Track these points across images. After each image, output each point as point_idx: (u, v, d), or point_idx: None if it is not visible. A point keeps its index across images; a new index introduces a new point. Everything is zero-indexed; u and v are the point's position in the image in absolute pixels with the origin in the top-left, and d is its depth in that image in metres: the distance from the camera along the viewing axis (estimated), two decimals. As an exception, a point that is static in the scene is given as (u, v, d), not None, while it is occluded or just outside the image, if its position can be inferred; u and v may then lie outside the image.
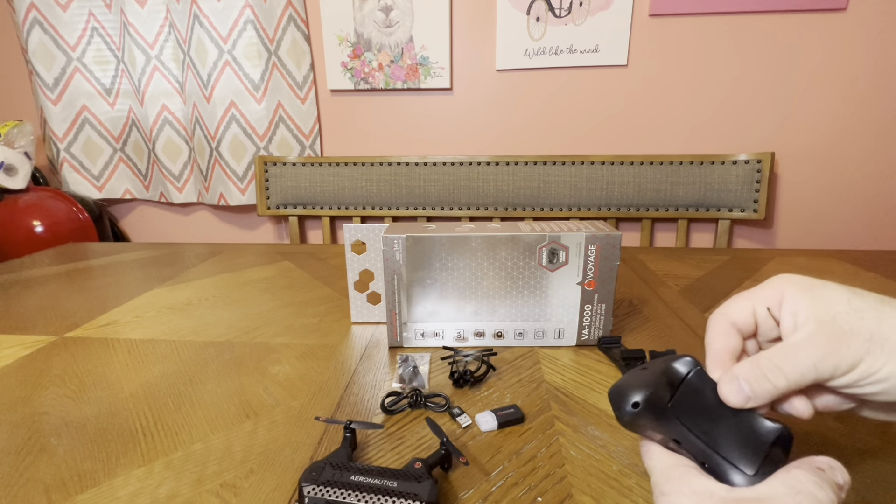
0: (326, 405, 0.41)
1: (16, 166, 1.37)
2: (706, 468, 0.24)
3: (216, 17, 1.31)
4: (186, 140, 1.47)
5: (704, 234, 1.40)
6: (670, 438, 0.25)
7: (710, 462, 0.24)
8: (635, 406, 0.25)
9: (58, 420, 0.40)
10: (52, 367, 0.49)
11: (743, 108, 1.30)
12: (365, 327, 0.57)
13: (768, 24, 1.23)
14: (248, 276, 0.76)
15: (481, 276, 0.49)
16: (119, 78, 1.45)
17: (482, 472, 0.33)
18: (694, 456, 0.25)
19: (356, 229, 0.53)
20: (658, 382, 0.26)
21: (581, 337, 0.51)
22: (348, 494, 0.28)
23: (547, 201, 1.35)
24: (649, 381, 0.26)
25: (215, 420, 0.39)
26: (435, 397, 0.41)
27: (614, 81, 1.32)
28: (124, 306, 0.65)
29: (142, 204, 1.62)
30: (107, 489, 0.32)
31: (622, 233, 1.31)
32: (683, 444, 0.25)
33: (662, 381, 0.26)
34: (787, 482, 0.21)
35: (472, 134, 1.42)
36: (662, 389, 0.26)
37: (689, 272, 0.76)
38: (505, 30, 1.30)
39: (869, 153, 1.29)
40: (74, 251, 0.94)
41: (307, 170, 1.41)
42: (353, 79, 1.38)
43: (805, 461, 0.22)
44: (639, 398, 0.25)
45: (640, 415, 0.25)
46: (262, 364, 0.49)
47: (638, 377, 0.26)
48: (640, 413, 0.25)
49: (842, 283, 0.26)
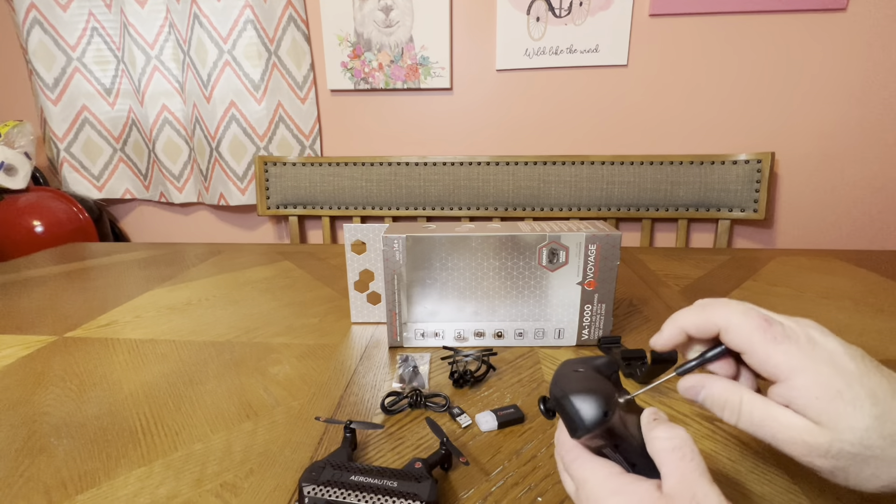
0: (326, 405, 0.41)
1: (16, 166, 1.37)
2: (635, 469, 0.24)
3: (216, 17, 1.31)
4: (186, 140, 1.47)
5: (704, 234, 1.40)
6: (611, 444, 0.24)
7: (639, 463, 0.24)
8: (606, 414, 0.23)
9: (58, 420, 0.40)
10: (52, 367, 0.49)
11: (743, 108, 1.30)
12: (365, 327, 0.57)
13: (768, 24, 1.23)
14: (248, 276, 0.76)
15: (481, 276, 0.49)
16: (119, 78, 1.45)
17: (482, 472, 0.33)
18: (626, 459, 0.24)
19: (356, 229, 0.53)
20: (611, 387, 0.24)
21: (581, 337, 0.51)
22: (348, 494, 0.28)
23: (547, 201, 1.35)
24: (604, 384, 0.24)
25: (215, 420, 0.39)
26: (435, 397, 0.41)
27: (614, 81, 1.32)
28: (124, 306, 0.65)
29: (142, 204, 1.62)
30: (107, 489, 0.32)
31: (622, 233, 1.31)
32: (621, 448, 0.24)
33: (612, 385, 0.25)
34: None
35: (472, 134, 1.42)
36: (615, 392, 0.24)
37: (689, 272, 0.76)
38: (505, 30, 1.30)
39: (869, 153, 1.28)
40: (74, 251, 0.94)
41: (307, 170, 1.41)
42: (353, 79, 1.38)
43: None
44: (608, 405, 0.23)
45: (608, 421, 0.23)
46: (262, 364, 0.49)
47: (591, 380, 0.24)
48: (608, 420, 0.23)
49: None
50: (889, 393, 0.23)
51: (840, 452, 0.22)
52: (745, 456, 0.34)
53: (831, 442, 0.22)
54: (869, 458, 0.22)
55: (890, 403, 0.22)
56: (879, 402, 0.22)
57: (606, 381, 0.25)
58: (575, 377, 0.25)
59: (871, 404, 0.22)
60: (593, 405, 0.23)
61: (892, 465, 0.22)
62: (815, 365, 0.24)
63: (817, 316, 0.59)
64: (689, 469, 0.21)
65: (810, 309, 0.61)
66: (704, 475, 0.21)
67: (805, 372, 0.24)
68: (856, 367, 0.23)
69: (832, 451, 0.22)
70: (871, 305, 0.61)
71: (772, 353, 0.25)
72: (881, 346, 0.51)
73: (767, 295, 0.66)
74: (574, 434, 0.23)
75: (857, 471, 0.23)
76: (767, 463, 0.33)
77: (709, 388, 0.26)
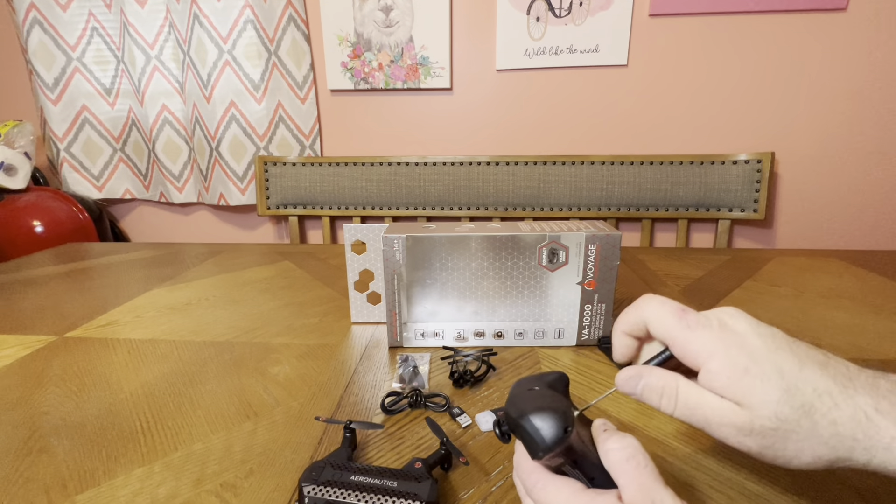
0: (326, 405, 0.41)
1: (16, 166, 1.37)
2: (594, 483, 0.24)
3: (216, 16, 1.31)
4: (186, 140, 1.47)
5: (704, 234, 1.40)
6: (569, 461, 0.24)
7: (597, 476, 0.24)
8: (566, 430, 0.22)
9: (58, 420, 0.40)
10: (52, 367, 0.49)
11: (743, 108, 1.30)
12: (365, 327, 0.57)
13: (768, 24, 1.23)
14: (247, 276, 0.76)
15: (481, 276, 0.49)
16: (119, 78, 1.45)
17: (482, 472, 0.33)
18: (585, 474, 0.24)
19: (356, 229, 0.53)
20: (567, 402, 0.24)
21: (581, 337, 0.51)
22: (348, 494, 0.28)
23: (547, 201, 1.35)
24: (560, 401, 0.24)
25: (215, 420, 0.39)
26: (435, 397, 0.41)
27: (614, 81, 1.32)
28: (124, 306, 0.65)
29: (142, 204, 1.62)
30: (107, 489, 0.32)
31: (622, 233, 1.31)
32: (580, 465, 0.24)
33: (567, 400, 0.24)
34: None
35: (472, 134, 1.42)
36: (571, 407, 0.24)
37: (689, 272, 0.76)
38: (505, 30, 1.30)
39: (869, 153, 1.28)
40: (74, 251, 0.94)
41: (307, 170, 1.41)
42: (353, 79, 1.38)
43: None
44: (567, 421, 0.23)
45: (568, 438, 0.22)
46: (262, 364, 0.49)
47: (547, 398, 0.24)
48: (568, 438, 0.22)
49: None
50: (796, 366, 0.24)
51: (762, 429, 0.23)
52: (746, 456, 0.34)
53: (752, 419, 0.23)
54: (788, 432, 0.23)
55: (797, 376, 0.23)
56: (786, 375, 0.23)
57: (562, 397, 0.25)
58: (530, 396, 0.24)
59: (779, 377, 0.23)
60: (553, 423, 0.22)
61: (810, 439, 0.23)
62: (726, 347, 0.25)
63: (817, 316, 0.59)
64: (645, 476, 0.22)
65: (810, 309, 0.61)
66: (658, 479, 0.22)
67: (718, 355, 0.25)
68: (763, 345, 0.24)
69: (755, 428, 0.23)
70: (871, 305, 0.61)
71: (690, 340, 0.26)
72: (880, 346, 0.51)
73: (767, 295, 0.66)
74: (535, 455, 0.23)
75: (781, 447, 0.23)
76: (768, 464, 0.33)
77: (646, 377, 0.27)
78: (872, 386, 0.23)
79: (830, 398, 0.23)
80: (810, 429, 0.23)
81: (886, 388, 0.23)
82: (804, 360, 0.24)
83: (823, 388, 0.23)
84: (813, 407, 0.23)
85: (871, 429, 0.22)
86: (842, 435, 0.22)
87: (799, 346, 0.25)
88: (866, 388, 0.23)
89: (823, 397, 0.23)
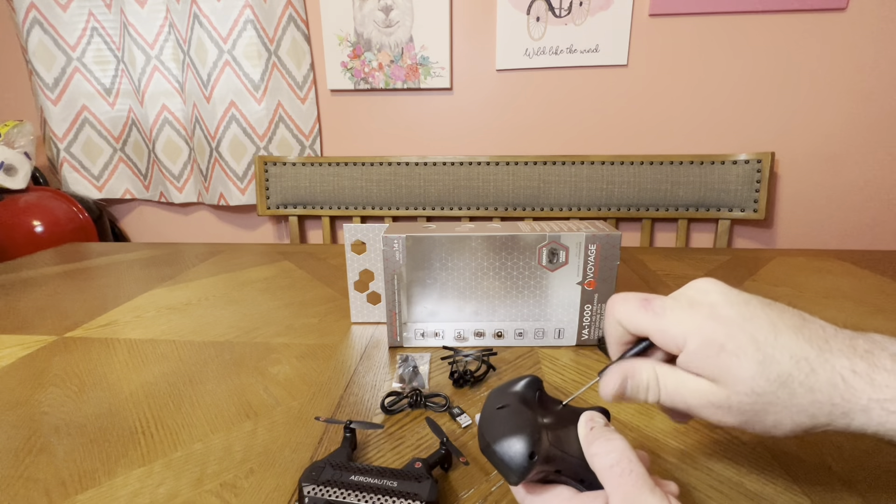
0: (326, 405, 0.41)
1: (16, 166, 1.37)
2: (585, 485, 0.24)
3: (216, 16, 1.31)
4: (186, 140, 1.47)
5: (704, 234, 1.40)
6: (552, 470, 0.24)
7: (587, 478, 0.23)
8: (532, 457, 0.22)
9: (58, 420, 0.40)
10: (52, 367, 0.49)
11: (743, 108, 1.30)
12: (365, 327, 0.57)
13: (768, 24, 1.23)
14: (247, 276, 0.76)
15: (481, 276, 0.49)
16: (119, 78, 1.45)
17: (482, 472, 0.33)
18: (573, 478, 0.24)
19: (356, 229, 0.53)
20: (533, 419, 0.24)
21: (581, 337, 0.51)
22: (348, 494, 0.28)
23: (547, 201, 1.35)
24: (525, 421, 0.23)
25: (215, 420, 0.39)
26: (435, 397, 0.41)
27: (614, 81, 1.32)
28: (124, 306, 0.65)
29: (142, 204, 1.62)
30: (107, 489, 0.32)
31: (622, 233, 1.31)
32: (565, 471, 0.24)
33: (534, 417, 0.24)
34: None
35: (472, 134, 1.42)
36: (538, 424, 0.24)
37: (689, 272, 0.76)
38: (505, 30, 1.30)
39: (869, 153, 1.29)
40: (74, 251, 0.94)
41: (307, 170, 1.41)
42: (353, 79, 1.38)
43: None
44: (533, 445, 0.22)
45: (537, 462, 0.22)
46: (262, 364, 0.49)
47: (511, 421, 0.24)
48: (537, 460, 0.22)
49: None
50: (771, 334, 0.23)
51: (740, 405, 0.23)
52: (745, 456, 0.34)
53: (729, 397, 0.23)
54: (766, 405, 0.23)
55: (773, 344, 0.23)
56: (761, 345, 0.23)
57: (528, 412, 0.24)
58: (497, 419, 0.24)
59: (754, 349, 0.23)
60: (518, 451, 0.22)
61: (789, 408, 0.22)
62: (698, 326, 0.24)
63: (817, 316, 0.58)
64: (630, 483, 0.21)
65: (810, 309, 0.60)
66: (644, 486, 0.21)
67: (693, 334, 0.24)
68: (736, 313, 0.24)
69: (733, 406, 0.23)
70: (871, 305, 0.61)
71: (663, 329, 0.25)
72: (881, 346, 0.51)
73: (767, 295, 0.65)
74: (510, 482, 0.23)
75: (761, 420, 0.23)
76: (767, 463, 0.33)
77: (630, 374, 0.26)
78: (850, 347, 0.23)
79: (807, 363, 0.22)
80: (788, 399, 0.22)
81: (864, 348, 0.23)
82: (779, 325, 0.23)
83: (800, 354, 0.22)
84: (790, 376, 0.22)
85: (847, 392, 0.22)
86: (820, 402, 0.22)
87: (773, 309, 0.24)
88: (843, 349, 0.23)
89: (801, 363, 0.22)
